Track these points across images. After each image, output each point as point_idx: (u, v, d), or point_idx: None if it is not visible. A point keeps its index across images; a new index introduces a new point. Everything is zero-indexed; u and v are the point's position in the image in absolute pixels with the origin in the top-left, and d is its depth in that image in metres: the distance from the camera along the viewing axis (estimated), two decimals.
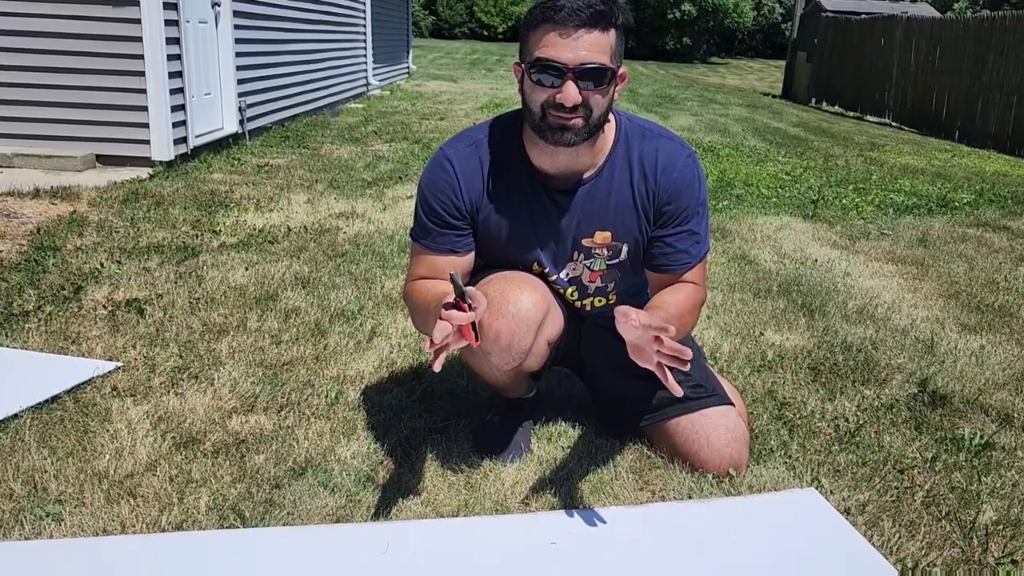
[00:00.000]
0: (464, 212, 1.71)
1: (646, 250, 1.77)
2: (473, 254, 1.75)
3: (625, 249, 1.75)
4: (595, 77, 1.53)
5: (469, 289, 1.41)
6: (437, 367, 1.36)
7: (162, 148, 5.03)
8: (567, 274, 1.79)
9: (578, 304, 1.85)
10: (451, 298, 1.41)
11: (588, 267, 1.77)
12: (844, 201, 5.19)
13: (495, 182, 1.70)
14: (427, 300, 1.63)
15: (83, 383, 2.11)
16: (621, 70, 1.60)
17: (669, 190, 1.70)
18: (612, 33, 1.55)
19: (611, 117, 1.69)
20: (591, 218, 1.72)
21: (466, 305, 1.39)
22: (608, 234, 1.73)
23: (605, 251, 1.75)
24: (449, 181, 1.70)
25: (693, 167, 1.73)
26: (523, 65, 1.59)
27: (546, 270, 1.78)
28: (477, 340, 1.42)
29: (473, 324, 1.39)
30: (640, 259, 1.79)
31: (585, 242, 1.74)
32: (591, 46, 1.51)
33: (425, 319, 1.63)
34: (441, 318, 1.35)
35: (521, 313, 1.63)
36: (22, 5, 4.78)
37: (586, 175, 1.70)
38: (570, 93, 1.52)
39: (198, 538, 1.55)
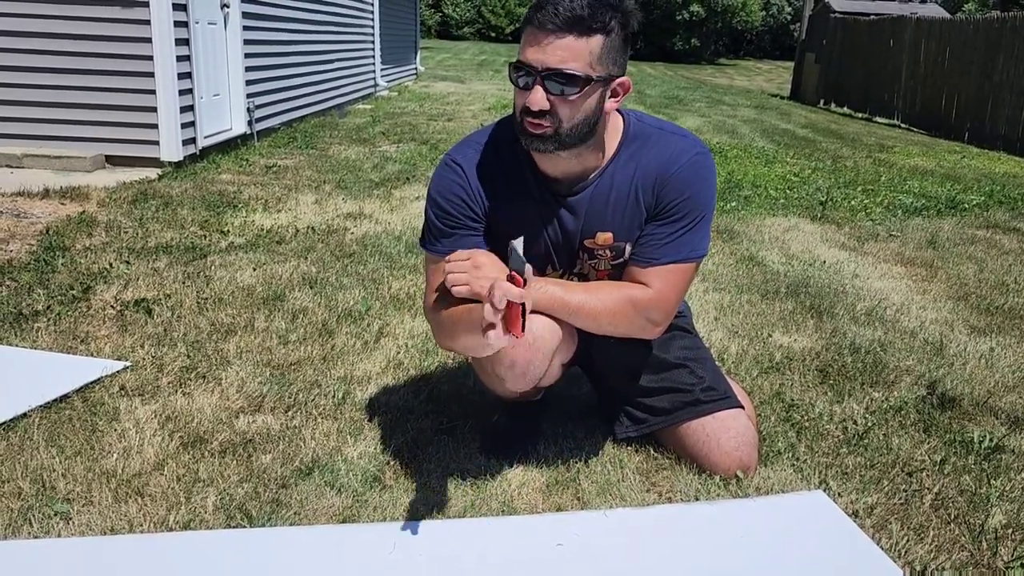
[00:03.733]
0: (478, 213, 1.67)
1: None
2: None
3: (628, 249, 1.71)
4: (563, 83, 1.47)
5: (528, 265, 1.30)
6: (519, 331, 1.29)
7: (171, 149, 5.06)
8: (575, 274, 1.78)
9: None
10: (504, 274, 1.30)
11: (594, 267, 1.76)
12: (853, 202, 5.17)
13: (503, 186, 1.68)
14: (461, 310, 1.55)
15: (91, 382, 2.12)
16: (620, 79, 1.54)
17: (667, 185, 1.64)
18: (595, 39, 1.47)
19: (619, 118, 1.67)
20: (593, 219, 1.69)
21: (521, 280, 1.30)
22: (609, 235, 1.70)
23: (608, 252, 1.72)
24: (460, 182, 1.67)
25: (698, 167, 1.65)
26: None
27: (560, 273, 1.77)
28: (523, 331, 1.31)
29: (523, 308, 1.30)
30: None
31: (587, 243, 1.71)
32: (562, 51, 1.46)
33: (461, 327, 1.54)
34: (493, 288, 1.26)
35: (537, 342, 1.60)
36: (31, 6, 4.81)
37: (591, 178, 1.67)
38: (534, 97, 1.48)
39: (205, 538, 1.55)
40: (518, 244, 1.31)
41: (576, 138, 1.55)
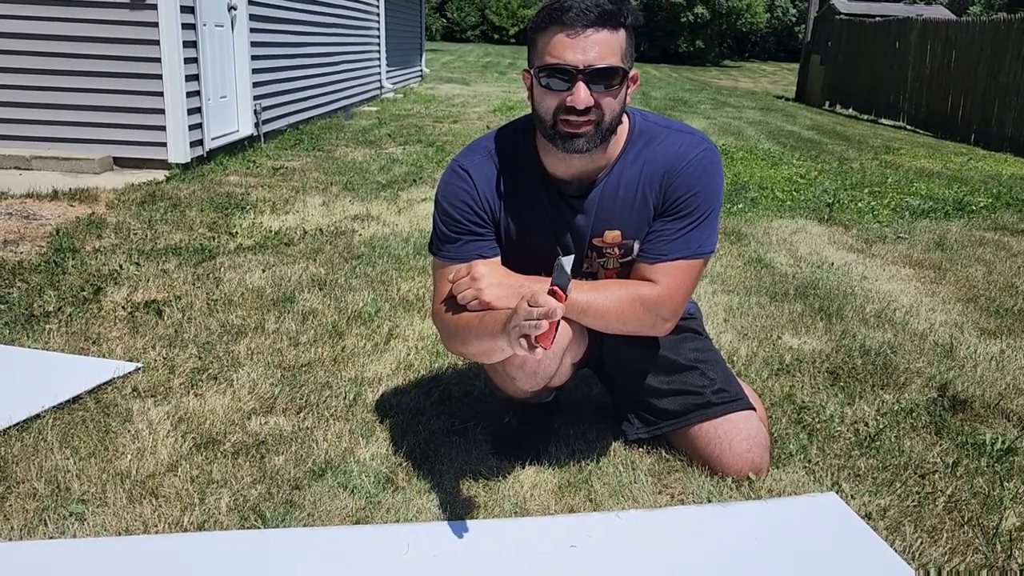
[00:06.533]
0: (485, 219, 1.69)
1: None
2: (500, 259, 1.71)
3: (636, 247, 1.71)
4: (606, 78, 1.51)
5: (572, 281, 1.32)
6: (549, 344, 1.33)
7: (178, 150, 5.07)
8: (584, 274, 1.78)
9: None
10: (546, 288, 1.32)
11: (603, 266, 1.76)
12: (860, 204, 5.17)
13: (511, 190, 1.69)
14: (472, 317, 1.56)
15: (104, 384, 2.13)
16: (633, 72, 1.58)
17: (674, 181, 1.65)
18: (622, 33, 1.52)
19: (625, 117, 1.68)
20: (602, 218, 1.70)
21: (564, 295, 1.31)
22: (617, 233, 1.70)
23: (616, 250, 1.72)
24: (467, 188, 1.68)
25: (705, 163, 1.66)
26: (532, 71, 1.57)
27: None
28: (552, 342, 1.34)
29: (557, 323, 1.33)
30: None
31: (596, 241, 1.72)
32: (601, 46, 1.49)
33: (473, 333, 1.55)
34: (537, 304, 1.29)
35: None
36: (39, 9, 4.82)
37: (599, 177, 1.68)
38: (580, 95, 1.50)
39: (219, 538, 1.56)
40: (567, 261, 1.32)
41: (612, 130, 1.59)
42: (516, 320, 1.33)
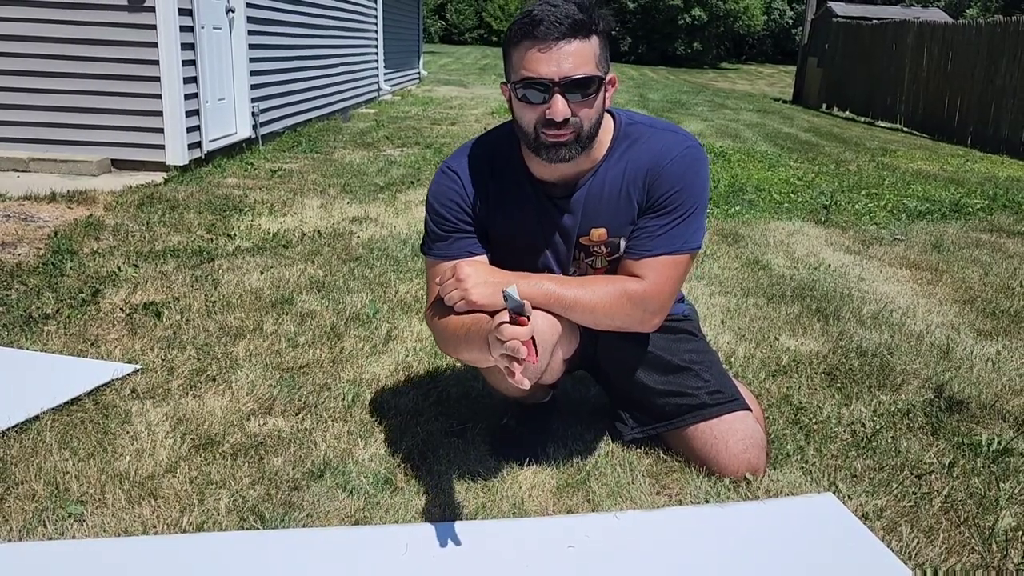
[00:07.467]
0: (474, 219, 1.71)
1: None
2: (487, 258, 1.72)
3: (623, 245, 1.73)
4: (582, 88, 1.52)
5: (526, 301, 1.35)
6: (526, 383, 1.34)
7: (176, 153, 5.08)
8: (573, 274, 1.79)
9: None
10: (505, 316, 1.36)
11: (591, 265, 1.77)
12: (857, 206, 5.18)
13: (499, 191, 1.72)
14: (463, 322, 1.58)
15: (103, 385, 2.13)
16: (609, 76, 1.59)
17: (657, 179, 1.66)
18: (594, 40, 1.53)
19: (610, 118, 1.69)
20: (587, 216, 1.71)
21: (524, 319, 1.34)
22: (603, 231, 1.72)
23: (603, 248, 1.73)
24: (456, 188, 1.71)
25: (688, 160, 1.66)
26: (509, 85, 1.59)
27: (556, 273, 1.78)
28: (537, 356, 1.37)
29: (532, 338, 1.35)
30: None
31: (583, 240, 1.73)
32: (574, 57, 1.50)
33: (462, 343, 1.58)
34: (504, 339, 1.32)
35: (536, 336, 1.62)
36: (38, 11, 4.83)
37: (585, 177, 1.70)
38: (558, 108, 1.51)
39: (219, 539, 1.56)
40: (512, 290, 1.34)
41: (592, 136, 1.60)
42: (494, 353, 1.37)
